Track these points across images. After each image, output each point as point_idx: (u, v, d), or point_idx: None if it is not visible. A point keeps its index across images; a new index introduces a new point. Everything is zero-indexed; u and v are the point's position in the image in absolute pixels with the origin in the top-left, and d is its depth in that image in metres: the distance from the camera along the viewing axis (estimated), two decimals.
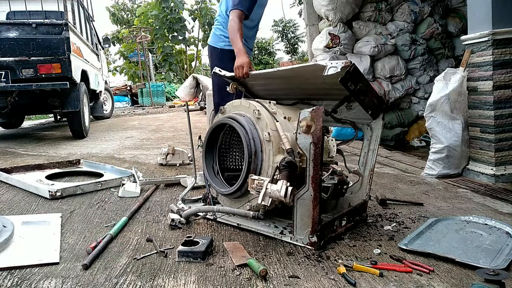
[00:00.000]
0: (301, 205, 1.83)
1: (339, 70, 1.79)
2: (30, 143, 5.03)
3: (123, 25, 20.17)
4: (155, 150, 4.21)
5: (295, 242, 1.88)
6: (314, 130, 1.77)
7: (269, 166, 1.94)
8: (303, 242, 1.85)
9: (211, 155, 2.28)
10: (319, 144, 1.76)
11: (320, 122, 1.76)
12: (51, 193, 2.61)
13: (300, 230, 1.86)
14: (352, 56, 4.94)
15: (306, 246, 1.84)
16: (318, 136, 1.76)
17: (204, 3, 16.85)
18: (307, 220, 1.82)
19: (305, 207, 1.82)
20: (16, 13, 5.95)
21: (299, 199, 1.83)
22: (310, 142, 1.77)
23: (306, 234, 1.84)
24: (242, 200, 2.08)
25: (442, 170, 3.21)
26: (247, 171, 1.97)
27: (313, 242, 1.82)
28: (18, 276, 1.61)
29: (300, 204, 1.83)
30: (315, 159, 1.77)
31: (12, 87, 4.32)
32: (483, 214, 2.29)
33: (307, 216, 1.82)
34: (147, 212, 2.40)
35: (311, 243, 1.83)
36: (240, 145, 2.23)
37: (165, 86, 13.78)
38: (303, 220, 1.84)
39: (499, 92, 2.98)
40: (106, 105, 8.25)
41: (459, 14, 5.03)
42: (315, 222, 1.81)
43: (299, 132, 1.80)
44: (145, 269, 1.67)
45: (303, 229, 1.85)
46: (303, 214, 1.83)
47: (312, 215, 1.80)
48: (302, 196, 1.82)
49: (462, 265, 1.65)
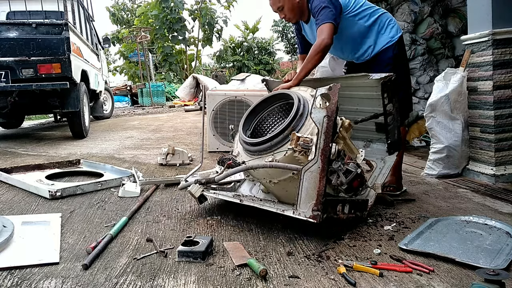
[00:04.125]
0: (307, 178, 1.84)
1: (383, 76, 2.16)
2: (30, 143, 5.03)
3: (123, 25, 20.16)
4: (155, 150, 4.21)
5: (297, 215, 1.87)
6: (329, 105, 1.86)
7: (307, 130, 1.98)
8: (306, 215, 1.85)
9: (249, 122, 2.35)
10: (332, 117, 1.85)
11: (336, 98, 1.87)
12: (51, 193, 2.61)
13: (303, 204, 1.86)
14: None
15: (308, 219, 1.83)
16: (332, 110, 1.86)
17: (204, 3, 16.83)
18: (312, 193, 1.83)
19: (311, 180, 1.83)
20: (16, 13, 5.94)
21: (306, 172, 1.85)
22: (324, 115, 1.86)
23: (309, 207, 1.84)
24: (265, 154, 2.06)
25: (442, 170, 3.21)
26: (288, 124, 2.00)
27: (315, 215, 1.82)
28: (18, 276, 1.61)
29: (307, 176, 1.85)
30: (326, 132, 1.84)
31: (12, 87, 4.32)
32: (483, 214, 2.29)
33: (313, 189, 1.83)
34: (147, 212, 2.40)
35: (313, 216, 1.82)
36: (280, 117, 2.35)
37: (165, 86, 13.77)
38: (308, 193, 1.85)
39: (499, 92, 2.98)
40: (106, 105, 8.24)
41: (459, 14, 5.03)
42: (320, 194, 1.82)
43: (314, 107, 1.90)
44: (145, 269, 1.67)
45: (306, 202, 1.85)
46: (309, 187, 1.84)
47: (318, 187, 1.81)
48: (310, 168, 1.84)
49: (462, 265, 1.65)
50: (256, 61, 21.39)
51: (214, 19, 17.20)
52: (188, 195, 2.71)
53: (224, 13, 17.84)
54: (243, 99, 4.01)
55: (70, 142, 4.98)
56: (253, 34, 21.99)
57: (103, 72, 7.84)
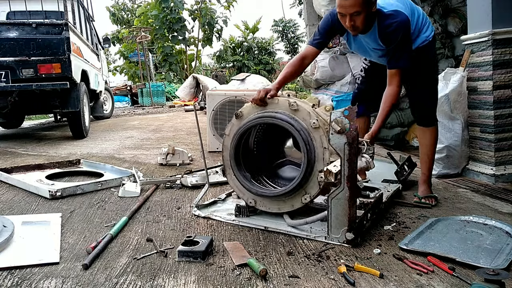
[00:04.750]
0: (335, 205, 1.84)
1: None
2: (30, 143, 5.03)
3: (123, 25, 20.15)
4: (155, 150, 4.21)
5: (330, 241, 1.89)
6: (349, 130, 1.79)
7: (323, 151, 1.98)
8: (339, 240, 1.87)
9: (239, 161, 2.24)
10: (354, 144, 1.78)
11: (355, 122, 1.79)
12: (51, 193, 2.61)
13: (335, 229, 1.87)
14: (352, 56, 4.94)
15: (343, 244, 1.85)
16: (353, 136, 1.78)
17: (204, 3, 16.83)
18: (343, 219, 1.84)
19: (340, 207, 1.83)
20: (16, 13, 5.93)
21: (333, 199, 1.84)
22: (345, 142, 1.79)
23: (342, 232, 1.85)
24: (296, 196, 2.08)
25: (442, 170, 3.21)
26: (307, 165, 1.99)
27: (350, 239, 1.83)
28: (18, 276, 1.61)
29: (334, 203, 1.85)
30: (350, 159, 1.79)
31: (12, 87, 4.32)
32: (483, 214, 2.29)
33: (343, 215, 1.84)
34: (147, 212, 2.40)
35: (348, 240, 1.84)
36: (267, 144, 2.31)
37: (165, 86, 13.75)
38: (338, 219, 1.85)
39: (499, 92, 2.98)
40: (106, 105, 8.23)
41: (459, 14, 5.03)
42: (352, 221, 1.83)
43: (332, 133, 1.82)
44: (145, 269, 1.67)
45: (338, 228, 1.86)
46: (338, 214, 1.85)
47: (349, 214, 1.82)
48: (336, 196, 1.83)
49: (463, 265, 1.65)
50: (256, 61, 21.38)
51: (214, 19, 17.20)
52: (188, 195, 2.72)
53: (224, 13, 17.86)
54: (243, 99, 4.00)
55: (70, 142, 4.98)
56: (253, 34, 21.98)
57: (103, 72, 7.84)
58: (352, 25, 2.17)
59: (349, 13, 2.12)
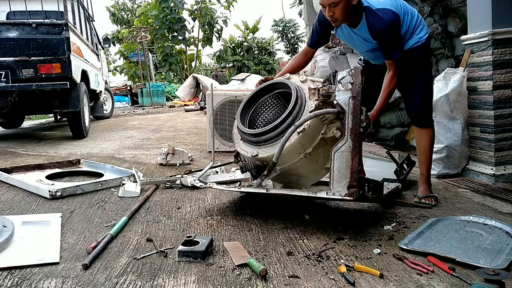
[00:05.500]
0: (338, 157, 1.86)
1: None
2: (30, 143, 5.03)
3: (123, 25, 20.16)
4: (155, 150, 4.21)
5: (331, 195, 1.89)
6: (353, 86, 1.89)
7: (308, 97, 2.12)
8: (341, 194, 1.86)
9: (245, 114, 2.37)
10: (358, 97, 1.88)
11: (359, 79, 1.90)
12: (51, 193, 2.61)
13: (337, 183, 1.87)
14: (352, 56, 4.94)
15: (344, 197, 1.85)
16: (358, 91, 1.89)
17: (204, 3, 16.83)
18: (345, 172, 1.85)
19: (343, 159, 1.85)
20: (16, 13, 5.93)
21: (336, 152, 1.87)
22: (350, 96, 1.89)
23: (343, 185, 1.85)
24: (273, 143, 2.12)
25: (442, 170, 3.21)
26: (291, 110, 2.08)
27: (351, 192, 1.83)
28: (18, 276, 1.61)
29: (337, 156, 1.86)
30: (354, 112, 1.87)
31: (12, 87, 4.31)
32: (483, 214, 2.29)
33: (345, 167, 1.85)
34: (147, 212, 2.40)
35: (349, 193, 1.84)
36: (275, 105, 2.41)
37: (165, 86, 13.75)
38: (341, 172, 1.86)
39: (499, 92, 2.98)
40: (106, 105, 8.23)
41: (459, 14, 5.03)
42: (354, 172, 1.83)
43: (338, 89, 1.92)
44: (145, 269, 1.67)
45: (340, 181, 1.86)
46: (341, 166, 1.86)
47: (351, 165, 1.83)
48: (340, 148, 1.87)
49: (463, 265, 1.65)
50: (256, 61, 21.39)
51: (214, 19, 17.20)
52: (188, 195, 2.72)
53: (224, 13, 17.86)
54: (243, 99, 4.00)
55: (70, 142, 4.98)
56: (253, 34, 21.99)
57: (103, 72, 7.84)
58: (331, 16, 2.27)
59: (327, 4, 2.24)
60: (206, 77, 12.27)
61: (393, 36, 2.32)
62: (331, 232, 2.03)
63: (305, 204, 2.44)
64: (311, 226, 2.10)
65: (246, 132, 2.24)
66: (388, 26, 2.27)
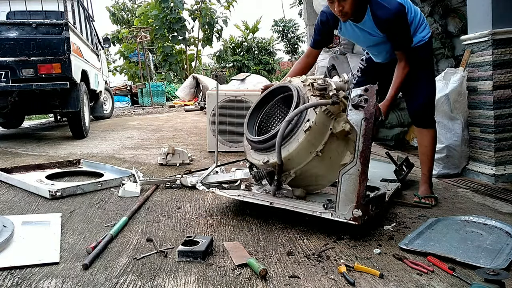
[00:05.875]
0: (346, 180, 1.84)
1: None
2: (30, 143, 5.03)
3: (123, 25, 20.16)
4: (155, 150, 4.21)
5: (336, 218, 1.87)
6: (367, 106, 1.81)
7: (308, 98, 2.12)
8: (346, 217, 1.85)
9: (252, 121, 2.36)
10: (371, 119, 1.80)
11: (374, 100, 1.81)
12: (51, 193, 2.61)
13: (342, 206, 1.86)
14: (352, 56, 4.94)
15: (349, 221, 1.84)
16: (371, 112, 1.80)
17: (204, 3, 16.84)
18: (351, 196, 1.83)
19: (350, 182, 1.83)
20: (16, 13, 5.94)
21: (344, 174, 1.84)
22: (362, 118, 1.82)
23: (349, 209, 1.84)
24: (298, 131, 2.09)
25: (442, 170, 3.21)
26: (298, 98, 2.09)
27: (357, 216, 1.82)
28: (18, 276, 1.61)
29: (345, 179, 1.84)
30: (365, 135, 1.81)
31: (12, 87, 4.32)
32: (483, 214, 2.29)
33: (352, 191, 1.83)
34: (147, 212, 2.40)
35: (354, 218, 1.82)
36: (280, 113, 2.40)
37: (165, 86, 13.76)
38: (347, 196, 1.84)
39: (499, 92, 2.98)
40: (106, 105, 8.24)
41: (459, 14, 5.03)
42: (360, 197, 1.81)
43: (350, 108, 1.84)
44: (145, 269, 1.67)
45: (346, 205, 1.85)
46: (348, 190, 1.84)
47: (358, 190, 1.81)
48: (348, 171, 1.84)
49: (463, 265, 1.65)
50: (256, 61, 21.40)
51: (214, 19, 17.21)
52: (188, 195, 2.72)
53: (224, 13, 17.87)
54: (243, 99, 4.01)
55: (70, 142, 4.98)
56: (253, 34, 22.00)
57: (103, 72, 7.84)
58: (340, 11, 2.21)
59: None
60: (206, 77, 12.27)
61: (401, 26, 2.28)
62: (331, 232, 2.03)
63: None
64: (311, 226, 2.10)
65: (254, 141, 2.22)
66: (395, 15, 2.22)
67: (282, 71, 22.19)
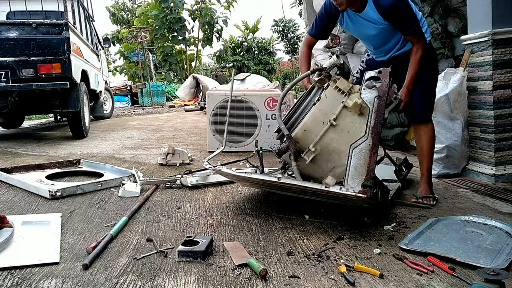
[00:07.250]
0: (356, 154, 1.89)
1: None
2: (30, 143, 5.03)
3: (123, 25, 20.16)
4: (155, 150, 4.21)
5: (345, 191, 1.87)
6: (380, 85, 1.93)
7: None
8: (355, 190, 1.86)
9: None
10: (384, 97, 1.92)
11: (387, 80, 1.93)
12: (51, 193, 2.61)
13: (352, 180, 1.88)
14: (352, 56, 4.93)
15: (358, 194, 1.84)
16: (384, 91, 1.92)
17: (204, 3, 16.83)
18: (361, 169, 1.87)
19: (360, 156, 1.87)
20: (16, 13, 5.94)
21: (355, 149, 1.89)
22: (376, 96, 1.93)
23: (358, 182, 1.86)
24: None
25: (442, 170, 3.21)
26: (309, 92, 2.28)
27: (365, 189, 1.83)
28: (18, 276, 1.61)
29: (355, 153, 1.89)
30: (378, 111, 1.91)
31: (12, 87, 4.32)
32: (483, 214, 2.29)
33: (362, 165, 1.87)
34: (147, 212, 2.40)
35: (363, 190, 1.84)
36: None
37: (165, 86, 13.76)
38: (357, 169, 1.88)
39: (499, 92, 2.98)
40: (106, 105, 8.24)
41: (459, 14, 5.03)
42: (370, 170, 1.85)
43: (364, 88, 1.96)
44: (145, 269, 1.67)
45: (355, 178, 1.87)
46: (358, 163, 1.88)
47: (368, 163, 1.85)
48: (359, 145, 1.89)
49: (463, 265, 1.65)
50: (256, 61, 21.39)
51: (214, 19, 17.20)
52: (188, 195, 2.72)
53: (224, 13, 17.86)
54: (243, 99, 4.00)
55: (70, 142, 4.99)
56: (253, 34, 21.99)
57: (103, 72, 7.84)
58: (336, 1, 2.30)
59: None
60: (206, 77, 12.26)
61: (404, 9, 2.29)
62: (331, 232, 2.03)
63: (306, 204, 2.44)
64: (311, 226, 2.10)
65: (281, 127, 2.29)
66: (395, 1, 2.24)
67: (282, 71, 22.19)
